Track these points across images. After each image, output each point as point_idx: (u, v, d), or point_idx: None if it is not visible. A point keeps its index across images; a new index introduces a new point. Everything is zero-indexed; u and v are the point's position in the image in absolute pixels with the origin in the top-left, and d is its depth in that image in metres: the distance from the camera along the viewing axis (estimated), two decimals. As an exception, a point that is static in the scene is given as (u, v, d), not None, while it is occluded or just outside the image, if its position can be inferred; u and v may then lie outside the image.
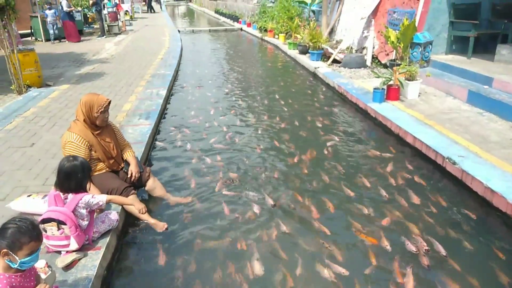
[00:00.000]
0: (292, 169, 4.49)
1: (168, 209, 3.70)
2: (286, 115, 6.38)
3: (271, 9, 15.83)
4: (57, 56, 10.98)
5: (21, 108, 6.11)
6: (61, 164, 2.75)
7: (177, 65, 10.15)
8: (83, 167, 2.79)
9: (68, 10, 13.79)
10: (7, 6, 6.47)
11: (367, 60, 8.98)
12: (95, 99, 3.36)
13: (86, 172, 2.82)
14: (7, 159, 4.30)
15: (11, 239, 1.83)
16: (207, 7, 35.07)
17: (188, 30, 19.54)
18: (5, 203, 3.35)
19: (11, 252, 1.83)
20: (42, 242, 1.98)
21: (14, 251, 1.84)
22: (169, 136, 5.53)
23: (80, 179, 2.78)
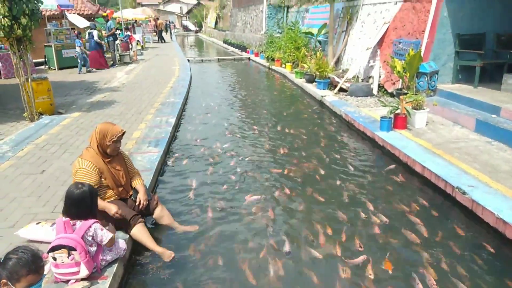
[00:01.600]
0: (301, 198, 4.47)
1: (175, 237, 3.68)
2: (294, 142, 6.40)
3: (278, 39, 16.18)
4: (69, 85, 11.25)
5: (33, 135, 6.22)
6: (69, 191, 2.78)
7: (186, 93, 10.33)
8: (91, 193, 2.82)
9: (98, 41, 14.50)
10: (24, 37, 6.72)
11: (373, 89, 9.07)
12: (110, 128, 3.42)
13: (94, 198, 2.85)
14: (17, 186, 4.35)
15: (10, 270, 1.83)
16: (216, 37, 35.97)
17: (197, 60, 19.98)
18: (14, 230, 3.36)
19: (10, 283, 1.83)
20: (42, 275, 1.96)
21: (12, 283, 1.83)
22: (177, 164, 5.57)
23: (89, 206, 2.81)
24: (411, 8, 8.58)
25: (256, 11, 21.81)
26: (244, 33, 25.08)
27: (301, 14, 16.23)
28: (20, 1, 6.26)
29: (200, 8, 53.29)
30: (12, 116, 7.57)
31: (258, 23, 21.42)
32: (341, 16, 12.03)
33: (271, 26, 19.28)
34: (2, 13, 6.20)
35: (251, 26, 23.33)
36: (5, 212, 3.77)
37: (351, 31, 11.25)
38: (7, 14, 6.23)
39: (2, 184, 4.38)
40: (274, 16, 19.30)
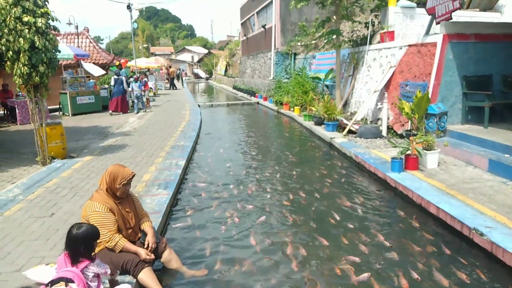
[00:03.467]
0: (312, 241, 4.35)
1: (183, 282, 3.57)
2: (304, 184, 6.34)
3: (286, 84, 16.57)
4: (82, 130, 11.51)
5: (44, 179, 6.27)
6: (69, 231, 2.72)
7: (196, 136, 10.46)
8: (93, 233, 2.78)
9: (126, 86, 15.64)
10: (41, 84, 6.98)
11: (382, 131, 9.08)
12: (120, 171, 3.43)
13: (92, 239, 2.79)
14: (26, 229, 4.32)
15: None
16: (226, 84, 37.00)
17: (207, 104, 20.44)
18: (19, 274, 3.30)
19: None
20: None
21: None
22: (186, 207, 5.52)
23: (88, 247, 2.75)
24: (416, 52, 8.78)
25: (265, 58, 22.54)
26: (253, 79, 25.77)
27: (308, 60, 16.71)
28: (40, 50, 6.58)
29: (210, 57, 55.37)
30: (25, 160, 7.69)
31: (266, 69, 22.06)
32: (348, 61, 12.35)
33: (279, 72, 19.82)
34: (23, 62, 6.50)
35: (260, 72, 24.01)
36: (12, 255, 3.71)
37: (358, 75, 11.48)
38: (26, 62, 6.53)
39: (11, 228, 4.36)
40: (282, 62, 19.91)
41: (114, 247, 3.24)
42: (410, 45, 9.10)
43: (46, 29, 6.68)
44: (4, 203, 5.15)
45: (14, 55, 6.55)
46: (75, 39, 22.17)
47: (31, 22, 6.40)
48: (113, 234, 3.25)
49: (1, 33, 6.42)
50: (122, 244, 3.25)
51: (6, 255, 3.73)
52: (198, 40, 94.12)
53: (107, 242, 3.21)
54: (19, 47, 6.41)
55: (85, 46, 22.30)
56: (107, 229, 3.22)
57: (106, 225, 3.23)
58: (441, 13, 7.94)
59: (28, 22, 6.38)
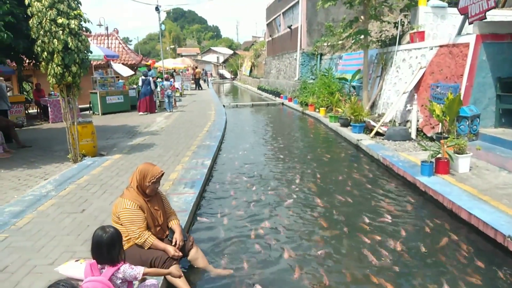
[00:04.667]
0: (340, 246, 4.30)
1: (209, 281, 3.60)
2: (329, 188, 6.27)
3: (312, 85, 16.46)
4: (112, 129, 11.80)
5: (75, 176, 6.47)
6: (97, 234, 2.69)
7: (222, 136, 10.53)
8: (119, 237, 2.77)
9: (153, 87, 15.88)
10: (73, 84, 7.20)
11: (411, 133, 8.87)
12: (150, 169, 3.48)
13: (121, 242, 2.79)
14: (58, 224, 4.47)
15: None
16: (250, 84, 37.11)
17: (232, 105, 20.55)
18: (53, 267, 3.40)
19: None
20: None
21: None
22: (212, 206, 5.56)
23: (118, 250, 2.75)
24: (448, 52, 8.53)
25: (290, 59, 22.46)
26: (277, 79, 25.73)
27: (335, 61, 16.54)
28: (72, 51, 6.79)
29: (236, 58, 55.68)
30: (57, 157, 7.95)
31: (291, 70, 21.98)
32: (375, 62, 12.14)
33: (304, 73, 19.71)
34: (56, 62, 6.72)
35: (285, 73, 23.95)
36: (45, 249, 3.84)
37: (386, 76, 11.27)
38: (60, 63, 6.75)
39: (44, 222, 4.51)
40: (308, 63, 19.78)
41: (143, 244, 3.29)
42: (441, 45, 8.85)
43: (78, 31, 6.89)
44: (38, 199, 5.35)
45: (49, 55, 6.79)
46: (105, 40, 22.78)
47: (65, 24, 6.61)
48: (142, 231, 3.30)
49: (37, 34, 6.67)
50: (151, 241, 3.31)
51: (40, 248, 3.86)
52: (224, 41, 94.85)
53: (137, 239, 3.27)
54: (53, 48, 6.64)
55: (115, 47, 22.87)
56: (137, 226, 3.28)
57: (136, 222, 3.29)
58: (474, 13, 7.69)
59: (62, 24, 6.59)
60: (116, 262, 2.67)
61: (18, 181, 6.36)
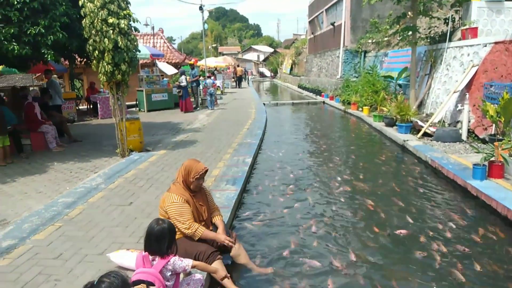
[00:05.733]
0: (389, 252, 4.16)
1: (250, 278, 3.61)
2: (375, 190, 6.08)
3: (355, 83, 16.09)
4: (157, 125, 12.17)
5: (123, 170, 6.72)
6: (151, 226, 2.79)
7: (262, 134, 10.54)
8: (170, 230, 2.85)
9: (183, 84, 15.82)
10: (122, 82, 7.48)
11: (462, 134, 8.43)
12: (194, 165, 3.54)
13: (172, 235, 2.86)
14: (107, 215, 4.66)
15: None
16: (291, 82, 36.90)
17: (272, 103, 20.53)
18: (103, 256, 3.56)
19: None
20: None
21: None
22: (253, 203, 5.58)
23: (169, 242, 2.82)
24: (504, 50, 8.02)
25: (332, 56, 22.09)
26: (319, 77, 25.41)
27: (379, 58, 16.07)
28: (122, 50, 7.04)
29: (276, 56, 55.60)
30: (106, 152, 8.31)
31: (334, 67, 21.60)
32: (424, 60, 11.66)
33: (347, 71, 19.31)
34: (107, 61, 7.01)
35: (327, 71, 23.59)
36: (95, 239, 4.02)
37: (435, 74, 10.79)
38: (110, 61, 7.03)
39: (94, 214, 4.72)
40: (351, 60, 19.36)
41: (194, 234, 3.34)
42: (496, 42, 8.33)
43: (128, 30, 7.14)
44: (88, 191, 5.61)
45: (100, 54, 7.08)
46: (151, 39, 23.53)
47: (115, 23, 6.87)
48: (192, 222, 3.36)
49: (89, 34, 6.98)
50: (202, 231, 3.36)
51: (91, 238, 4.04)
52: (264, 39, 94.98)
53: (187, 230, 3.32)
54: (104, 47, 6.92)
55: (160, 46, 23.57)
56: (186, 218, 3.34)
57: (184, 214, 3.35)
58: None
59: (112, 23, 6.86)
60: (166, 255, 2.74)
61: (70, 174, 6.72)
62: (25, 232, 4.22)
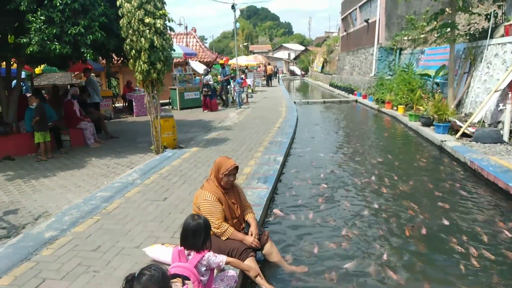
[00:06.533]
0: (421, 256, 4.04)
1: (283, 276, 3.60)
2: (411, 193, 5.90)
3: (389, 81, 15.69)
4: (189, 123, 12.38)
5: (158, 166, 6.88)
6: (187, 222, 2.85)
7: (293, 133, 10.49)
8: (205, 226, 2.89)
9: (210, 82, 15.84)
10: (158, 80, 7.64)
11: (504, 135, 8.03)
12: (224, 162, 3.58)
13: (208, 231, 2.91)
14: (143, 210, 4.78)
15: (143, 285, 1.93)
16: (322, 81, 36.48)
17: (303, 101, 20.38)
18: (139, 250, 3.66)
19: None
20: None
21: None
22: (285, 202, 5.56)
23: (204, 238, 2.87)
24: (553, 45, 7.57)
25: (366, 54, 21.65)
26: (351, 75, 24.98)
27: (416, 56, 15.59)
28: (157, 49, 7.19)
29: (307, 54, 55.11)
30: (141, 148, 8.53)
31: (367, 65, 21.17)
32: (463, 57, 11.21)
33: (381, 69, 18.86)
34: (143, 60, 7.18)
35: (360, 69, 23.15)
36: (132, 233, 4.14)
37: (475, 73, 10.35)
38: (146, 60, 7.20)
39: (131, 208, 4.86)
40: (385, 58, 18.90)
41: (222, 234, 3.39)
42: (544, 37, 7.88)
43: (163, 30, 7.28)
44: (125, 185, 5.78)
45: (136, 53, 7.26)
46: (184, 39, 23.92)
47: (151, 23, 7.03)
48: (221, 222, 3.41)
49: (127, 33, 7.17)
50: (230, 232, 3.40)
51: (127, 232, 4.16)
52: (295, 37, 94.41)
53: (217, 229, 3.37)
54: (141, 46, 7.09)
55: (192, 45, 23.92)
56: (216, 217, 3.39)
57: (215, 213, 3.39)
58: None
59: (149, 23, 7.01)
60: (201, 250, 2.78)
61: (107, 169, 6.95)
62: (65, 224, 4.41)
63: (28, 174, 6.77)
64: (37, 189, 5.91)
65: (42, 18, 6.68)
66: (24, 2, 6.57)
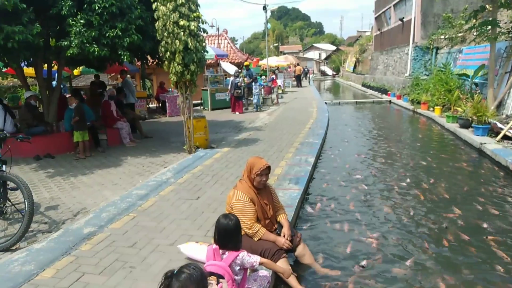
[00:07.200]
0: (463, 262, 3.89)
1: (316, 278, 3.56)
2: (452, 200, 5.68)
3: (425, 81, 15.23)
4: (220, 123, 12.51)
5: (190, 166, 7.00)
6: (220, 221, 2.86)
7: (324, 134, 10.37)
8: (236, 226, 2.90)
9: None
10: (191, 81, 7.76)
11: (550, 138, 7.62)
12: (256, 162, 3.59)
13: (239, 231, 2.92)
14: (177, 208, 4.87)
15: (182, 283, 1.96)
16: (354, 81, 35.90)
17: (334, 102, 20.12)
18: (173, 247, 3.73)
19: None
20: None
21: None
22: (317, 204, 5.50)
23: (238, 238, 2.89)
24: None
25: (401, 53, 21.11)
26: (385, 75, 24.42)
27: (453, 55, 15.06)
28: (191, 51, 7.31)
29: (338, 54, 54.47)
30: (174, 148, 8.71)
31: (402, 65, 20.64)
32: (504, 56, 10.72)
33: (416, 68, 18.34)
34: (177, 61, 7.32)
35: (394, 69, 22.61)
36: (166, 231, 4.22)
37: (518, 72, 9.86)
38: (180, 62, 7.33)
39: (165, 206, 4.96)
40: (421, 58, 18.36)
41: (254, 234, 3.40)
42: None
43: (197, 32, 7.39)
44: (159, 184, 5.91)
45: (171, 55, 7.41)
46: (215, 40, 24.21)
47: (185, 25, 7.15)
48: (253, 222, 3.42)
49: (162, 36, 7.33)
50: (262, 232, 3.40)
51: (162, 229, 4.26)
52: (327, 37, 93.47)
53: (249, 229, 3.39)
54: (175, 48, 7.23)
55: (224, 47, 24.18)
56: (248, 218, 3.40)
57: (247, 214, 3.41)
58: None
59: (183, 25, 7.14)
60: (236, 249, 2.81)
61: (142, 168, 7.13)
62: (103, 220, 4.56)
63: (67, 171, 7.05)
64: (75, 186, 6.15)
65: (81, 21, 6.95)
66: (66, 7, 6.86)
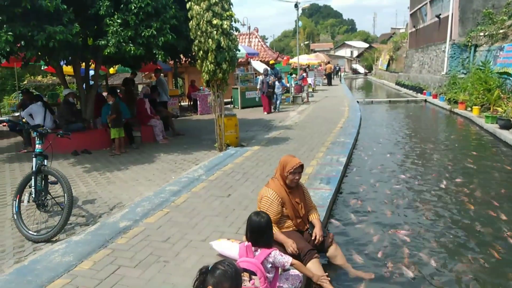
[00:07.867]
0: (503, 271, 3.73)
1: (348, 280, 3.51)
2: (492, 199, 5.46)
3: (463, 80, 14.66)
4: (250, 122, 12.55)
5: (221, 163, 7.07)
6: (253, 219, 2.91)
7: (357, 134, 10.19)
8: (267, 224, 2.91)
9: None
10: (223, 80, 7.83)
11: None
12: (289, 160, 3.59)
13: (271, 229, 2.93)
14: (208, 205, 4.94)
15: (217, 279, 1.99)
16: (387, 79, 35.06)
17: (367, 101, 19.73)
18: (206, 243, 3.78)
19: None
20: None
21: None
22: (349, 204, 5.42)
23: (270, 235, 2.90)
24: None
25: (437, 51, 20.42)
26: (420, 74, 23.71)
27: (493, 53, 14.41)
28: (224, 50, 7.37)
29: (371, 51, 53.35)
30: (205, 145, 8.82)
31: (438, 63, 19.96)
32: (551, 53, 10.14)
33: (454, 66, 17.69)
34: (210, 60, 7.40)
35: (430, 67, 21.90)
36: (198, 227, 4.29)
37: None
38: (213, 61, 7.41)
39: (197, 203, 5.04)
40: (459, 55, 17.68)
41: None
42: None
43: (230, 30, 7.44)
44: (191, 181, 6.01)
45: (204, 54, 7.50)
46: (246, 39, 24.29)
47: (218, 24, 7.21)
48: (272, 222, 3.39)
49: (195, 35, 7.43)
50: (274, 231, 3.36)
51: (194, 225, 4.33)
52: (359, 35, 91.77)
53: None
54: (208, 47, 7.31)
55: (254, 45, 24.22)
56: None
57: (270, 212, 3.38)
58: None
59: (216, 24, 7.21)
60: (268, 246, 2.83)
61: (175, 164, 7.27)
62: (138, 215, 4.68)
63: (104, 167, 7.30)
64: (111, 181, 6.35)
65: (118, 21, 7.16)
66: (103, 7, 7.08)
